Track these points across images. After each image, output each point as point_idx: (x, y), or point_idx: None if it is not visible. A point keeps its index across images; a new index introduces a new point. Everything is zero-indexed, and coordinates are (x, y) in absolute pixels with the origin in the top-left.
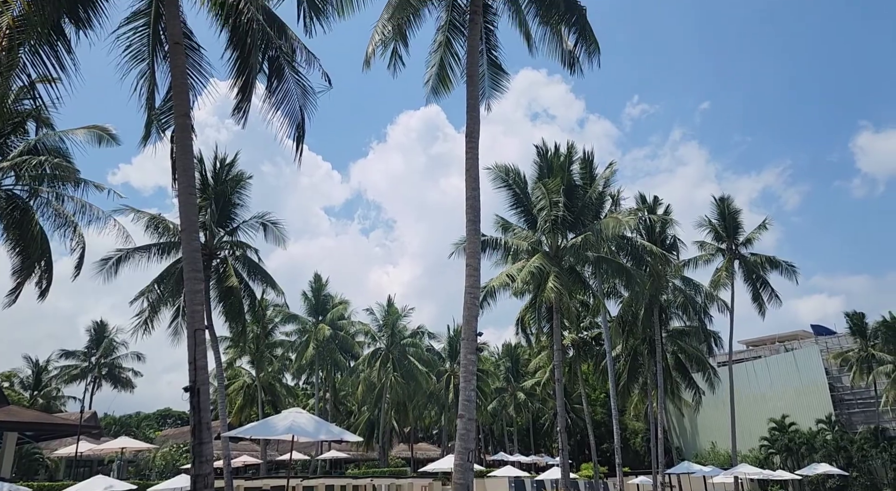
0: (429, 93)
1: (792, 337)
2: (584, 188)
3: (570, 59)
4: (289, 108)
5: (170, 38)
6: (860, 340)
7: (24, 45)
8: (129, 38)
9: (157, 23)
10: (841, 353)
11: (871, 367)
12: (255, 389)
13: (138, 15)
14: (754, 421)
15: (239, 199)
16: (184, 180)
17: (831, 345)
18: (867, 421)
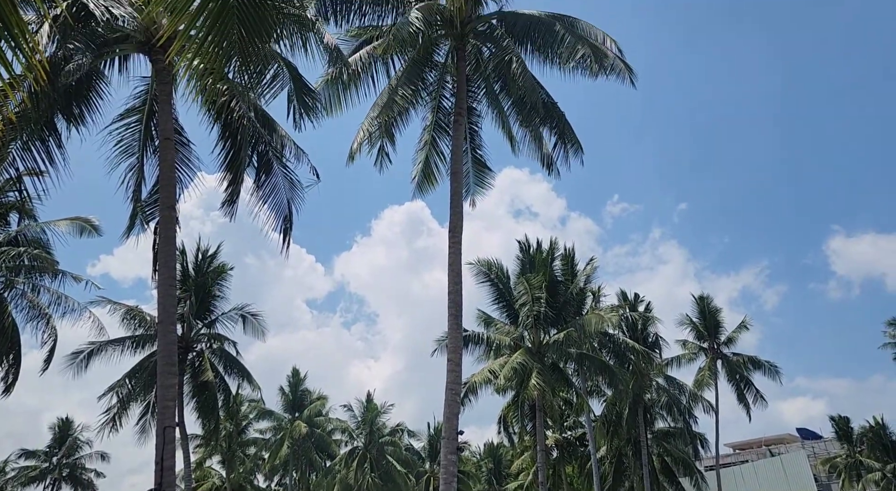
0: (414, 189)
1: (778, 440)
2: (566, 284)
3: (549, 161)
4: (276, 202)
5: (161, 134)
6: (847, 445)
7: (16, 140)
8: (120, 133)
9: (150, 119)
10: (829, 459)
11: (860, 474)
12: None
13: (131, 111)
14: None
15: (219, 290)
16: (164, 272)
17: (818, 450)
18: None
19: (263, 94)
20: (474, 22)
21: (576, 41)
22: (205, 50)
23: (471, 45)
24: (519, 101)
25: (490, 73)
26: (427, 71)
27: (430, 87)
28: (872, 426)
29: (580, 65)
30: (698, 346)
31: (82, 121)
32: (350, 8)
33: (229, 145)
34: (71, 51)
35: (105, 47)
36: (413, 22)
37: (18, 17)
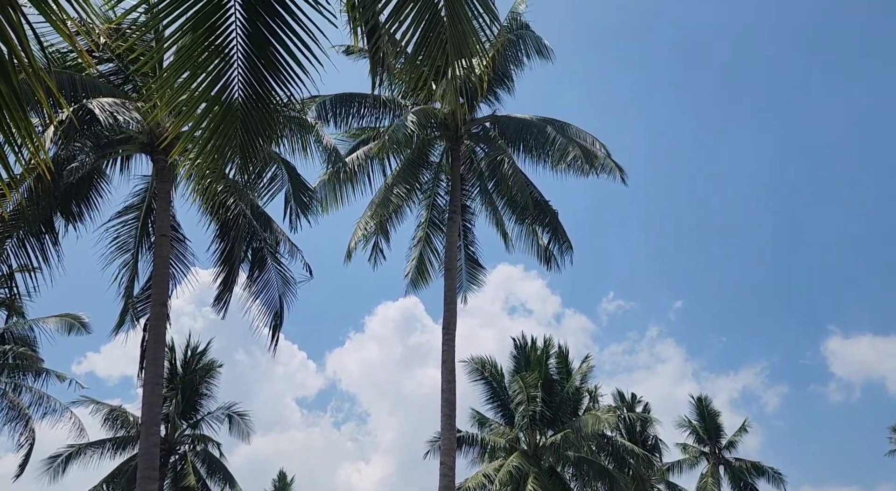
0: (408, 285)
1: None
2: (562, 383)
3: (546, 256)
4: (268, 298)
5: (157, 231)
6: None
7: (11, 237)
8: (117, 230)
9: (148, 216)
10: None
11: None
12: None
13: (130, 209)
14: None
15: (207, 389)
16: (151, 371)
17: None
18: None
19: (262, 194)
20: (468, 124)
21: (567, 143)
22: (207, 152)
23: (465, 146)
24: (512, 199)
25: (484, 172)
26: (422, 170)
27: (424, 185)
28: None
29: (571, 165)
30: (699, 450)
31: (80, 219)
32: (349, 111)
33: (225, 242)
34: (75, 151)
35: (108, 148)
36: (409, 125)
37: (27, 121)
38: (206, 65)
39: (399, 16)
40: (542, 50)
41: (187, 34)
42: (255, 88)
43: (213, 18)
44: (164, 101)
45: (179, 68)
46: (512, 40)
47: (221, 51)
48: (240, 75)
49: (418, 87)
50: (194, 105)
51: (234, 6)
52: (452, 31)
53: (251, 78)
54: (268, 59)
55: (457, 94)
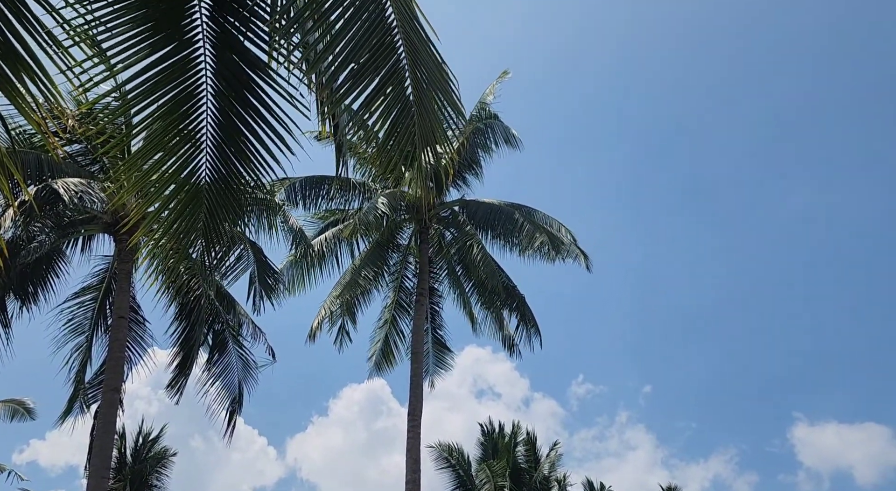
0: (372, 368)
1: None
2: (530, 471)
3: (510, 342)
4: (227, 382)
5: (116, 312)
6: None
7: None
8: (73, 312)
9: (106, 297)
10: None
11: None
12: None
13: (88, 290)
14: None
15: (157, 480)
16: (98, 462)
17: None
18: None
19: (226, 275)
20: (437, 208)
21: (534, 229)
22: (171, 233)
23: (433, 229)
24: (479, 283)
25: (452, 255)
26: (390, 252)
27: (392, 267)
28: None
29: (539, 251)
30: None
31: (35, 300)
32: (319, 193)
33: (184, 324)
34: (35, 231)
35: (70, 228)
36: (379, 207)
37: None
38: (176, 149)
39: (371, 107)
40: (510, 139)
41: (158, 120)
42: (222, 173)
43: (185, 106)
44: (131, 183)
45: (149, 152)
46: (480, 129)
47: (191, 137)
48: (208, 160)
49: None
50: (162, 188)
51: (206, 95)
52: (421, 122)
53: (220, 163)
54: (238, 147)
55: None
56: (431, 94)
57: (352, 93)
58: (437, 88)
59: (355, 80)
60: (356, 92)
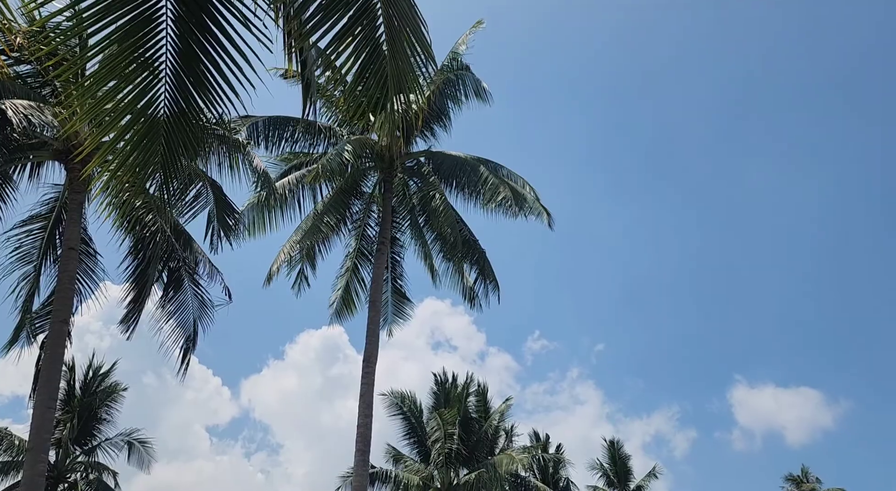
0: (332, 315)
1: None
2: (480, 422)
3: (471, 295)
4: (182, 319)
5: (65, 243)
6: None
7: None
8: (20, 240)
9: (56, 227)
10: None
11: None
12: None
13: (36, 218)
14: None
15: (107, 413)
16: (44, 393)
17: None
18: None
19: (183, 212)
20: (403, 158)
21: (498, 184)
22: (127, 166)
23: (398, 179)
24: (441, 235)
25: (416, 206)
26: (353, 199)
27: (355, 215)
28: None
29: (501, 205)
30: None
31: None
32: (282, 135)
33: (138, 260)
34: None
35: (18, 153)
36: (344, 154)
37: None
38: (133, 77)
39: (340, 45)
40: (480, 92)
41: (114, 44)
42: (181, 105)
43: (142, 31)
44: (84, 109)
45: (104, 78)
46: (451, 79)
47: (149, 64)
48: (167, 91)
49: (356, 116)
50: (118, 117)
51: (166, 20)
52: (393, 66)
53: (178, 94)
54: (198, 78)
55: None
56: (404, 36)
57: (321, 26)
58: (409, 31)
59: (326, 12)
60: (326, 26)
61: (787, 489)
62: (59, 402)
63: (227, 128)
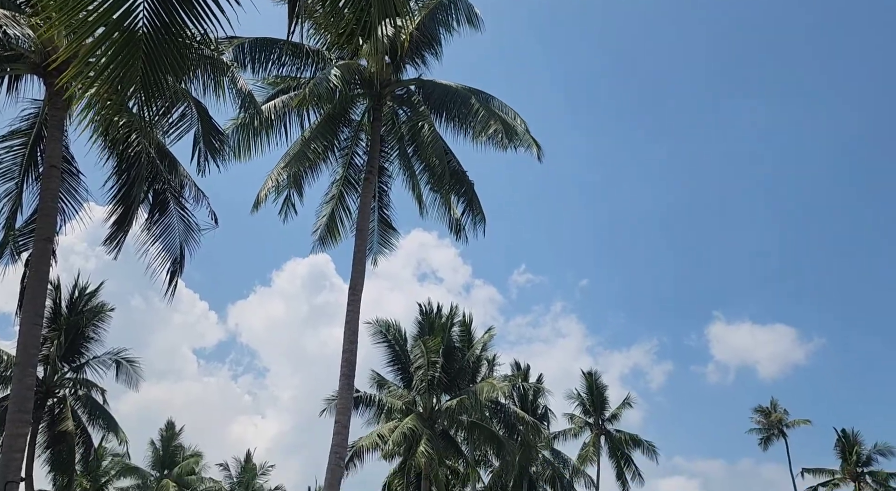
0: (316, 242)
1: None
2: (463, 351)
3: (457, 227)
4: (168, 243)
5: (47, 161)
6: None
7: None
8: (0, 156)
9: (37, 143)
10: None
11: None
12: None
13: (16, 134)
14: None
15: (94, 332)
16: (30, 309)
17: None
18: None
19: (168, 133)
20: (393, 85)
21: (489, 116)
22: (104, 79)
23: (387, 107)
24: (429, 166)
25: (404, 135)
26: (341, 127)
27: (343, 142)
28: None
29: (492, 138)
30: (584, 420)
31: None
32: (269, 57)
33: (122, 180)
34: None
35: None
36: (332, 79)
37: None
38: None
39: None
40: (472, 18)
41: None
42: (163, 19)
43: None
44: (59, 16)
45: None
46: (443, 4)
47: None
48: (147, 3)
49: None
50: (92, 27)
51: None
52: None
53: (160, 7)
54: None
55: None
56: None
57: None
58: None
59: None
60: None
61: (755, 420)
62: (45, 320)
63: (213, 47)
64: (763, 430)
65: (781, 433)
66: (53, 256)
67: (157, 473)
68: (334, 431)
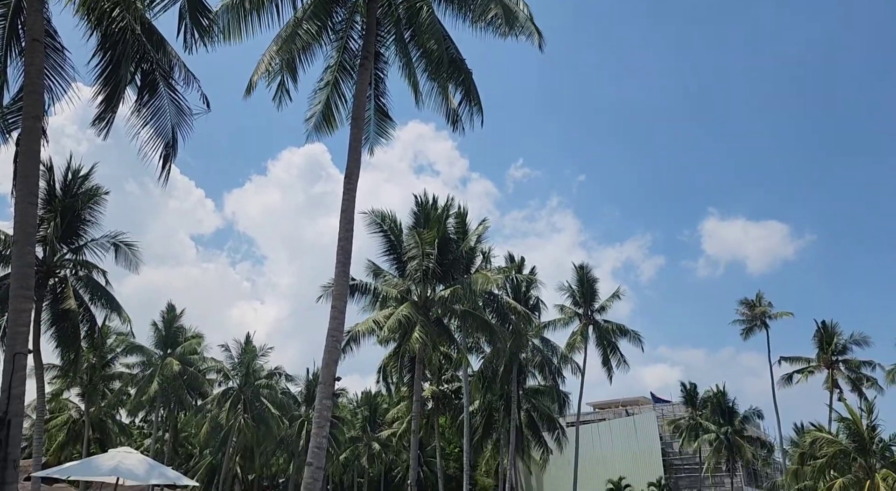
0: (311, 129)
1: (634, 402)
2: (458, 242)
3: (454, 117)
4: (160, 126)
5: (28, 34)
6: (691, 409)
7: None
8: None
9: (17, 16)
10: (674, 420)
11: (698, 434)
12: (81, 425)
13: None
14: (595, 481)
15: (90, 215)
16: (24, 187)
17: (667, 412)
18: (691, 485)
19: (152, 5)
20: None
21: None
22: None
23: None
24: (427, 52)
25: (401, 18)
26: (336, 7)
27: (337, 25)
28: (715, 393)
29: (492, 24)
30: (574, 311)
31: None
32: None
33: (108, 57)
34: None
35: None
36: None
37: None
38: None
39: None
40: None
41: None
42: None
43: None
44: None
45: None
46: None
47: None
48: None
49: None
50: None
51: None
52: None
53: None
54: None
55: None
56: None
57: None
58: None
59: None
60: None
61: (740, 312)
62: (40, 201)
63: None
64: (746, 321)
65: (764, 325)
66: (44, 135)
67: (161, 352)
68: (331, 316)
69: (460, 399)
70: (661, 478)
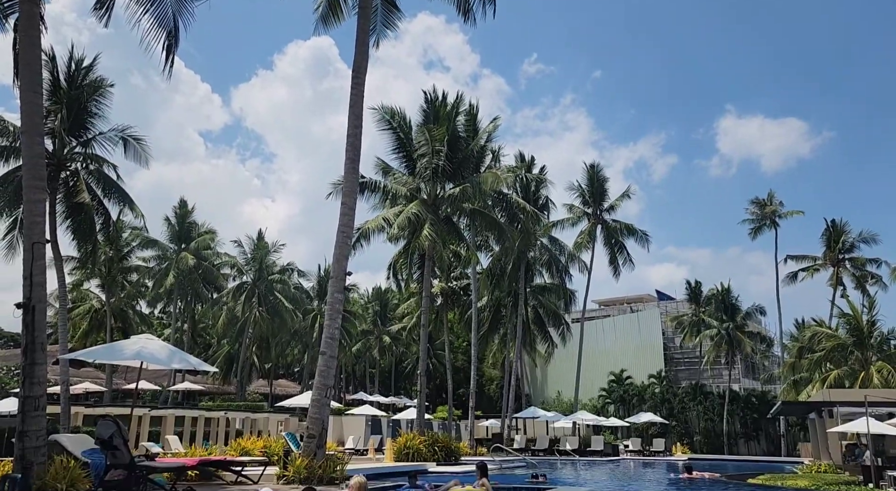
0: (318, 20)
1: (638, 300)
2: (468, 140)
3: (466, 6)
4: (160, 14)
5: None
6: (695, 306)
7: None
8: None
9: None
10: (677, 316)
11: (700, 330)
12: (103, 315)
13: None
14: (597, 374)
15: (97, 108)
16: (27, 76)
17: (670, 309)
18: (690, 378)
19: None
20: None
21: None
22: None
23: None
24: None
25: None
26: None
27: None
28: (719, 290)
29: None
30: (583, 211)
31: None
32: None
33: None
34: None
35: None
36: None
37: None
38: None
39: None
40: None
41: None
42: None
43: None
44: None
45: None
46: None
47: None
48: None
49: None
50: None
51: None
52: None
53: None
54: None
55: None
56: None
57: None
58: None
59: None
60: None
61: (750, 211)
62: (45, 92)
63: None
64: (755, 220)
65: (773, 224)
66: (42, 21)
67: (175, 247)
68: (341, 212)
69: (469, 296)
70: (662, 370)
